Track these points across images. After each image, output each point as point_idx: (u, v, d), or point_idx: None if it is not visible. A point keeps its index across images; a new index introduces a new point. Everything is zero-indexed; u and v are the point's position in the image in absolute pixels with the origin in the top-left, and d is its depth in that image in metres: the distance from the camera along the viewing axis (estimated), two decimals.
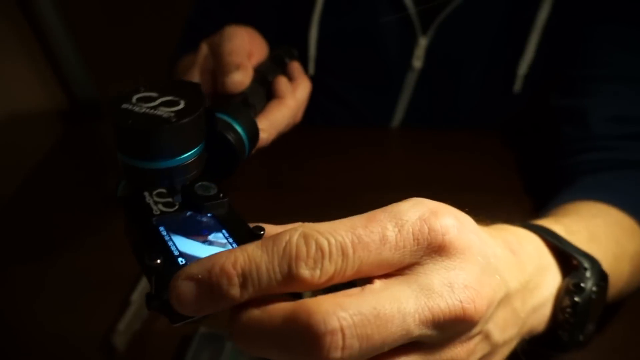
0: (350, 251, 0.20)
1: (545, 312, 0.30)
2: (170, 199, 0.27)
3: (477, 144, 0.68)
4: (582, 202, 0.45)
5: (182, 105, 0.25)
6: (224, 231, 0.25)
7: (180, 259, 0.23)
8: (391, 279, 0.21)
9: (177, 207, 0.27)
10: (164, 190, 0.28)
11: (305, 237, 0.20)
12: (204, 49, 0.44)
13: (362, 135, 0.72)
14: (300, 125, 0.46)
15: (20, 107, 0.80)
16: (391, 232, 0.21)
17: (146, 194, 0.27)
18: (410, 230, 0.21)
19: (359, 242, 0.20)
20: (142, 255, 0.23)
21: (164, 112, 0.24)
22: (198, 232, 0.25)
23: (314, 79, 0.71)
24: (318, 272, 0.19)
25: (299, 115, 0.46)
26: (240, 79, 0.39)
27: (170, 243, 0.24)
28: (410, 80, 0.68)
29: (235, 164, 0.32)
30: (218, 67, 0.40)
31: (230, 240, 0.25)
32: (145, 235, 0.25)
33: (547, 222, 0.35)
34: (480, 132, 0.70)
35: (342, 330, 0.18)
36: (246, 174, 0.48)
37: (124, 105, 0.24)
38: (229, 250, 0.20)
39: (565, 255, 0.32)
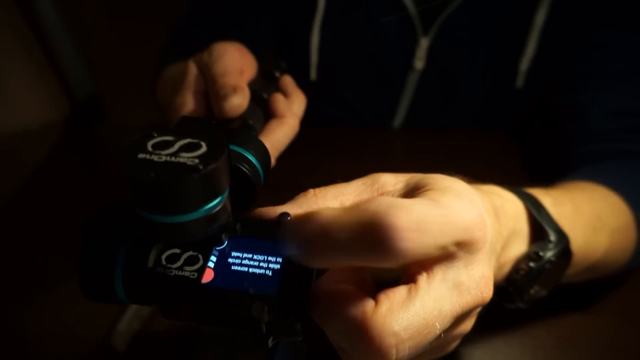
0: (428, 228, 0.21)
1: (505, 270, 0.33)
2: (182, 252, 0.25)
3: (477, 144, 0.68)
4: (574, 181, 0.47)
5: (204, 148, 0.22)
6: (246, 245, 0.25)
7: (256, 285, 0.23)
8: (431, 276, 0.23)
9: (201, 259, 0.25)
10: (173, 250, 0.25)
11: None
12: (192, 69, 0.42)
13: (362, 135, 0.72)
14: (300, 126, 0.46)
15: (20, 107, 0.80)
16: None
17: (160, 267, 0.25)
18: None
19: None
20: (236, 316, 0.23)
21: (187, 159, 0.22)
22: (236, 264, 0.25)
23: (315, 84, 0.71)
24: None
25: (295, 133, 0.46)
26: (239, 102, 0.37)
27: (233, 287, 0.24)
28: (412, 81, 0.68)
29: (253, 195, 0.30)
30: (213, 90, 0.38)
31: (257, 242, 0.25)
32: (209, 301, 0.23)
33: (537, 192, 0.37)
34: (481, 132, 0.71)
35: (396, 346, 0.21)
36: None
37: (141, 155, 0.22)
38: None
39: (540, 225, 0.34)
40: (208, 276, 0.24)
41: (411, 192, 0.26)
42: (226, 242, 0.25)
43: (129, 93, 0.79)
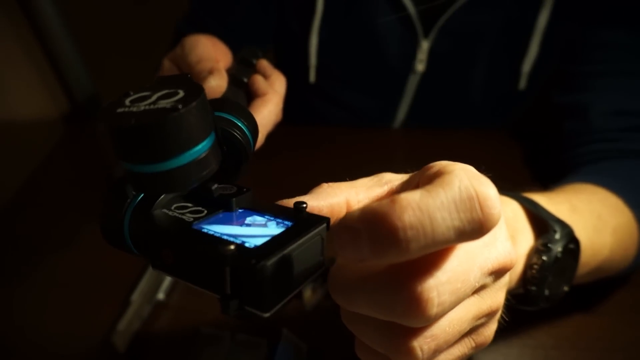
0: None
1: (518, 270, 0.33)
2: (193, 206, 0.25)
3: (477, 144, 0.69)
4: (571, 183, 0.47)
5: (181, 93, 0.22)
6: (258, 214, 0.25)
7: (243, 241, 0.22)
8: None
9: (205, 212, 0.25)
10: (184, 203, 0.26)
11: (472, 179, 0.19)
12: (166, 63, 0.42)
13: (362, 136, 0.72)
14: (300, 126, 0.46)
15: (20, 108, 0.80)
16: None
17: (165, 210, 0.25)
18: None
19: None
20: (204, 253, 0.21)
21: (166, 104, 0.21)
22: (237, 223, 0.24)
23: (315, 86, 0.71)
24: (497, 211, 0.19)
25: (280, 111, 0.46)
26: (217, 82, 0.38)
27: (220, 235, 0.22)
28: (413, 84, 0.68)
29: (244, 161, 0.30)
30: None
31: (269, 217, 0.24)
32: (190, 240, 0.23)
33: (531, 194, 0.37)
34: (481, 132, 0.71)
35: (437, 287, 0.20)
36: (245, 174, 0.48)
37: (120, 110, 0.22)
38: (387, 200, 0.19)
39: (540, 221, 0.34)
40: (203, 226, 0.24)
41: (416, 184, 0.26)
42: (236, 210, 0.25)
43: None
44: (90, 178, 0.72)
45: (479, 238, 0.19)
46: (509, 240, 0.24)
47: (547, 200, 0.36)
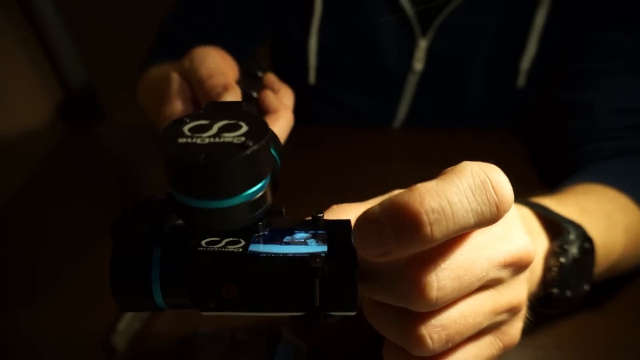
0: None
1: (537, 273, 0.33)
2: (222, 239, 0.24)
3: (478, 144, 0.68)
4: (578, 184, 0.47)
5: (245, 127, 0.21)
6: (288, 231, 0.24)
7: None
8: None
9: (242, 241, 0.24)
10: (211, 238, 0.24)
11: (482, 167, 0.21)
12: (175, 77, 0.41)
13: (362, 136, 0.72)
14: (299, 126, 0.46)
15: (20, 108, 0.79)
16: None
17: (200, 248, 0.23)
18: None
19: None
20: (287, 272, 0.21)
21: (232, 138, 0.20)
22: (278, 242, 0.24)
23: (314, 88, 0.71)
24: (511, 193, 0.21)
25: (291, 127, 0.46)
26: (233, 99, 0.36)
27: (283, 254, 0.22)
28: (412, 83, 0.68)
29: (276, 190, 0.28)
30: (203, 93, 0.38)
31: (298, 232, 0.24)
32: (260, 266, 0.22)
33: (538, 198, 0.37)
34: (481, 132, 0.70)
35: (437, 280, 0.21)
36: None
37: (182, 140, 0.21)
38: (405, 190, 0.20)
39: (552, 224, 0.34)
40: (253, 250, 0.23)
41: None
42: (264, 231, 0.25)
43: (128, 93, 0.79)
44: (90, 178, 0.72)
45: (496, 222, 0.21)
46: (527, 235, 0.25)
47: (556, 203, 0.37)
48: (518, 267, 0.24)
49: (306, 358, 0.43)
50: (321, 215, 0.25)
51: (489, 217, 0.20)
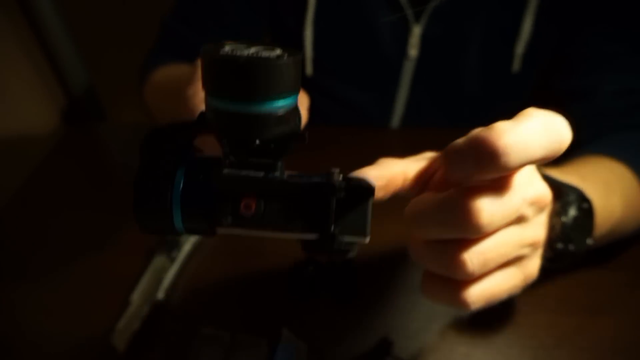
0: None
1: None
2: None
3: None
4: (578, 157, 0.49)
5: (279, 50, 0.23)
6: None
7: None
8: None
9: (264, 174, 0.25)
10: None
11: None
12: (192, 93, 0.43)
13: (362, 135, 0.72)
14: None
15: (20, 108, 0.80)
16: None
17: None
18: None
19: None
20: (307, 187, 0.23)
21: (269, 54, 0.22)
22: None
23: (312, 79, 0.71)
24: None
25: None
26: None
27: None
28: (408, 71, 0.68)
29: (302, 134, 0.28)
30: None
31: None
32: (282, 181, 0.24)
33: (541, 168, 0.38)
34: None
35: (488, 209, 0.26)
36: None
37: (223, 51, 0.22)
38: (485, 127, 0.24)
39: (554, 188, 0.36)
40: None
41: None
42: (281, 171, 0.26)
43: (128, 93, 0.79)
44: (90, 178, 0.72)
45: (556, 157, 0.26)
46: (543, 182, 0.30)
47: (557, 172, 0.39)
48: (539, 206, 0.30)
49: (306, 358, 0.43)
50: (337, 170, 0.26)
51: (553, 154, 0.25)
